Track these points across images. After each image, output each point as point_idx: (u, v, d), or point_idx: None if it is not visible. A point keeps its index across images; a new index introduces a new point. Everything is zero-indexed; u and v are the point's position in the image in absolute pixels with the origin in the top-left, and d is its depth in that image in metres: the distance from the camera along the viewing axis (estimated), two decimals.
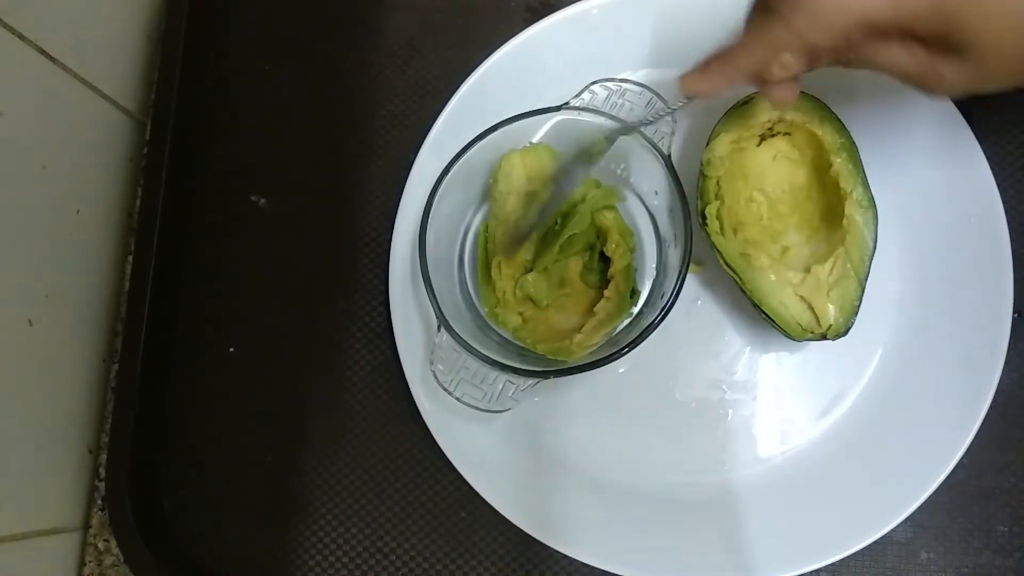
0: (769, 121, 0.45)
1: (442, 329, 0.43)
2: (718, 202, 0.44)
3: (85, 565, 0.51)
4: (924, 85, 0.34)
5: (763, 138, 0.46)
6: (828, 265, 0.43)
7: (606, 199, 0.46)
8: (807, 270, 0.43)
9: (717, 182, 0.45)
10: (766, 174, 0.46)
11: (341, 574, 0.48)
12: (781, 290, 0.43)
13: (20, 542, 0.46)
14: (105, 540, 0.51)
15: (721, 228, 0.44)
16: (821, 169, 0.45)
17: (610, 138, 0.44)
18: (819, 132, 0.44)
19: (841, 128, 0.44)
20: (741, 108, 0.45)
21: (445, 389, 0.43)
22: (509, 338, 0.46)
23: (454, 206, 0.47)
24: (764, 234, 0.45)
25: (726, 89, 0.38)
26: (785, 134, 0.45)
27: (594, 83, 0.46)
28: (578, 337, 0.43)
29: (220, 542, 0.50)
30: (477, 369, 0.43)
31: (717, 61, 0.37)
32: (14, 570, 0.45)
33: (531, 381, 0.42)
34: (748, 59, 0.36)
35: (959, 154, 0.46)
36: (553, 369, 0.42)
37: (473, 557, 0.48)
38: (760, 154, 0.46)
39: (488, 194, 0.48)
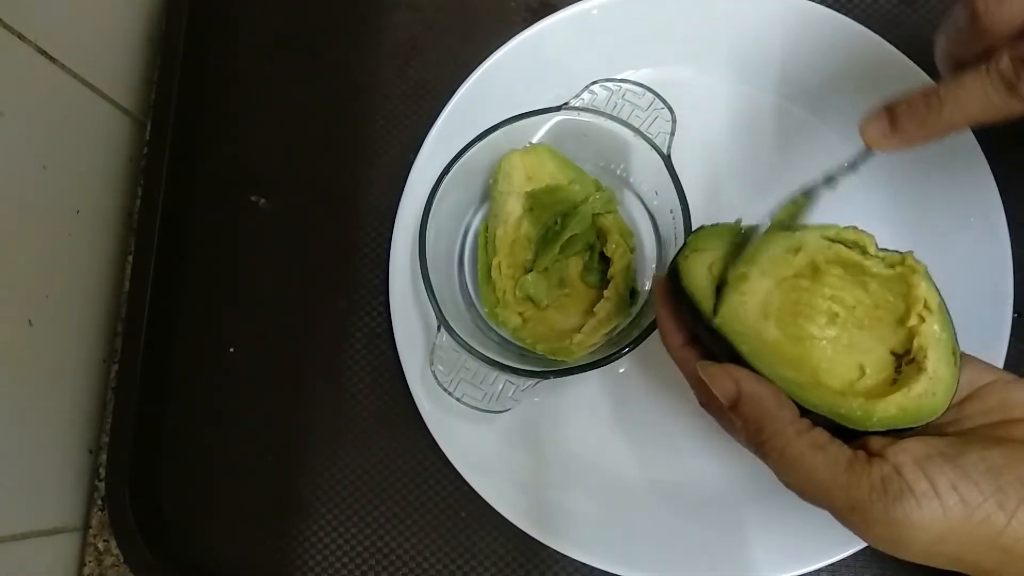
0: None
1: (442, 329, 0.43)
2: None
3: (85, 565, 0.51)
4: None
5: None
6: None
7: (605, 206, 0.46)
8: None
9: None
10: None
11: (341, 574, 0.48)
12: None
13: (20, 542, 0.46)
14: (105, 540, 0.51)
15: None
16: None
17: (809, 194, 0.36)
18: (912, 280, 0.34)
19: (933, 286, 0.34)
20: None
21: (445, 389, 0.43)
22: (509, 338, 0.46)
23: (454, 206, 0.47)
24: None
25: (929, 141, 0.33)
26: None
27: (594, 83, 0.46)
28: (578, 337, 0.43)
29: (220, 542, 0.50)
30: (477, 369, 0.43)
31: (913, 106, 0.32)
32: (14, 570, 0.45)
33: (531, 381, 0.42)
34: (972, 107, 0.31)
35: (959, 154, 0.46)
36: (553, 369, 0.42)
37: (473, 557, 0.48)
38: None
39: (488, 194, 0.48)
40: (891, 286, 0.34)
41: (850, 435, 0.32)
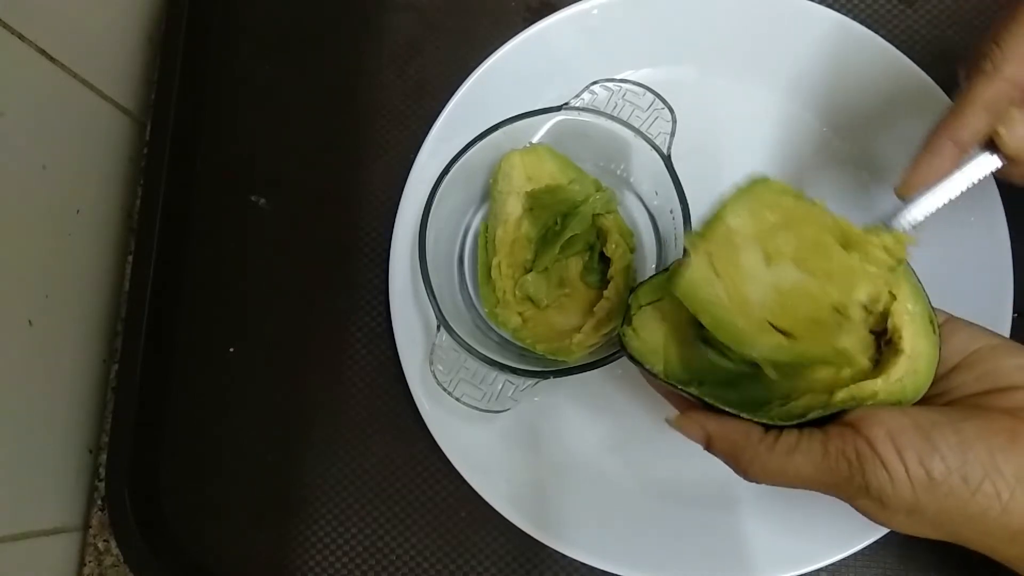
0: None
1: (441, 329, 0.43)
2: None
3: (85, 565, 0.51)
4: None
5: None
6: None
7: (605, 206, 0.46)
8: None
9: None
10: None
11: (341, 574, 0.48)
12: None
13: (20, 542, 0.46)
14: (105, 540, 0.51)
15: None
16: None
17: None
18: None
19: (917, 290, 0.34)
20: None
21: (444, 389, 0.43)
22: (509, 338, 0.46)
23: (454, 206, 0.47)
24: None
25: (953, 168, 0.35)
26: None
27: (594, 83, 0.46)
28: (578, 337, 0.43)
29: (220, 542, 0.50)
30: (476, 369, 0.43)
31: (931, 143, 0.35)
32: (14, 570, 0.45)
33: (530, 381, 0.42)
34: (969, 124, 0.33)
35: None
36: (552, 369, 0.42)
37: (473, 557, 0.48)
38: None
39: (488, 194, 0.48)
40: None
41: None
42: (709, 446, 0.34)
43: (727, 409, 0.33)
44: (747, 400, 0.34)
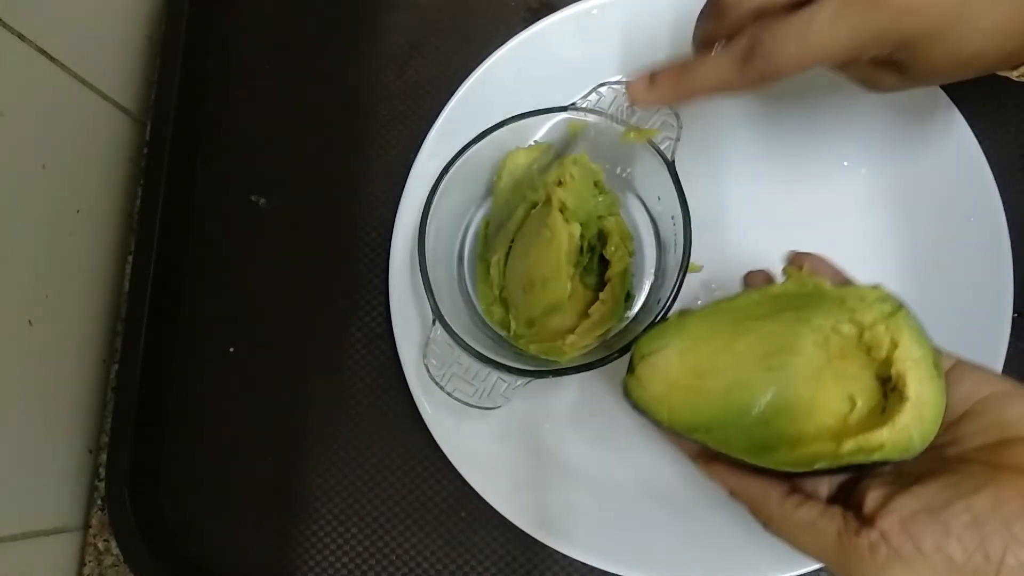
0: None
1: (437, 323, 0.43)
2: None
3: (85, 565, 0.51)
4: (867, 87, 0.38)
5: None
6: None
7: (608, 209, 0.46)
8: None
9: None
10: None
11: (341, 574, 0.48)
12: None
13: (20, 542, 0.46)
14: (105, 540, 0.51)
15: None
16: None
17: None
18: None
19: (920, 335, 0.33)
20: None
21: (437, 383, 0.43)
22: (504, 336, 0.46)
23: (456, 202, 0.47)
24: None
25: (680, 102, 0.39)
26: None
27: (601, 85, 0.46)
28: (571, 338, 0.43)
29: (220, 542, 0.50)
30: (469, 365, 0.43)
31: (668, 70, 0.38)
32: (14, 570, 0.45)
33: (522, 380, 0.42)
34: (711, 76, 0.36)
35: (959, 155, 0.46)
36: (544, 369, 0.42)
37: (473, 557, 0.48)
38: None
39: (491, 191, 0.48)
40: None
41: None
42: (732, 496, 0.35)
43: (734, 456, 0.33)
44: (755, 444, 0.34)
